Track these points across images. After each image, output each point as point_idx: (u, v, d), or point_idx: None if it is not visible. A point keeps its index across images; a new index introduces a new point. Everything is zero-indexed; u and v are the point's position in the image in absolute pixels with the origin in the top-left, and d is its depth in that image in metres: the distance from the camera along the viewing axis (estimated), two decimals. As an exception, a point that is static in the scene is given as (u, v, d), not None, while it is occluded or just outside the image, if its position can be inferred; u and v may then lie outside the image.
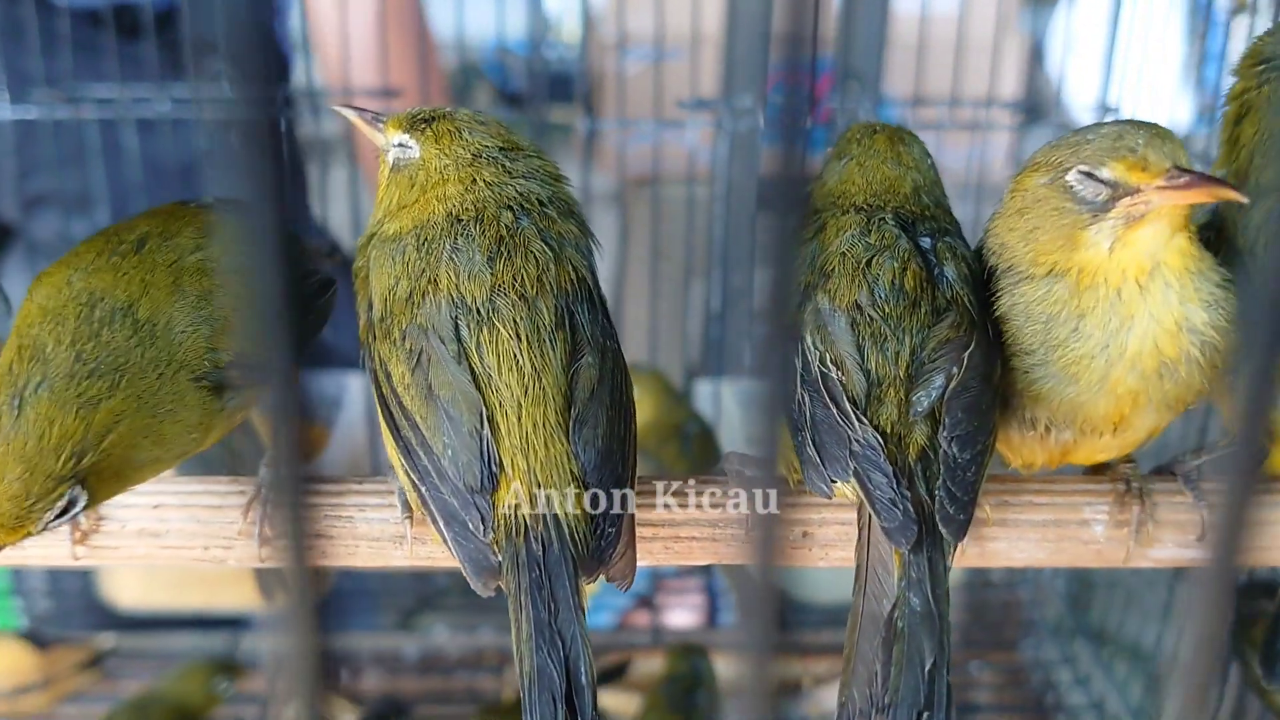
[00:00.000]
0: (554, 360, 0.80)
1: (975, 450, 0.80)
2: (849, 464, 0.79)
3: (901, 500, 0.78)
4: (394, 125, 0.89)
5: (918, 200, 0.92)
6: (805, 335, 0.84)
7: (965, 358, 0.82)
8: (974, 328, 0.84)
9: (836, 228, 0.89)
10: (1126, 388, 0.83)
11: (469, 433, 0.77)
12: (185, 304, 0.84)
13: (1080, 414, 0.85)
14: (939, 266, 0.86)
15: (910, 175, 0.93)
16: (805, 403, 0.82)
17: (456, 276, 0.81)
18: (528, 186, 0.85)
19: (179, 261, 0.86)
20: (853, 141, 0.96)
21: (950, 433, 0.80)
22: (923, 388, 0.81)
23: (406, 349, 0.80)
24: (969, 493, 0.79)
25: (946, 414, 0.80)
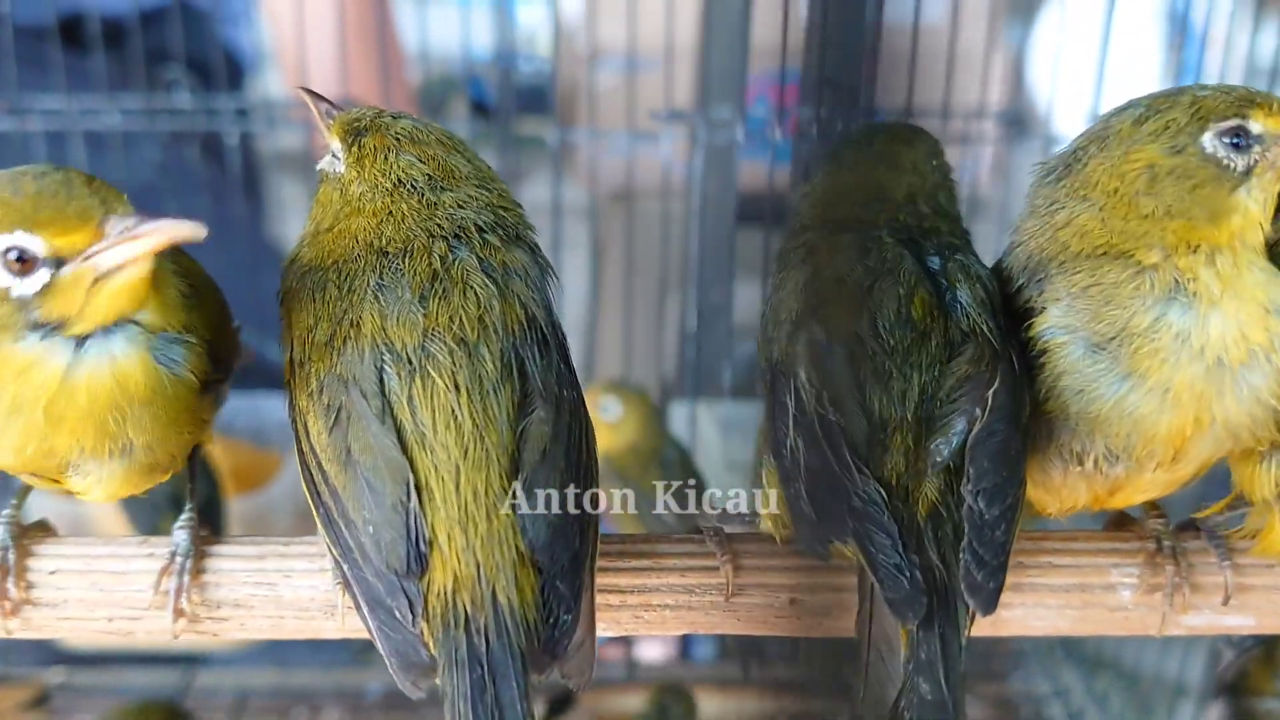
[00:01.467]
0: (499, 415, 0.65)
1: (1005, 505, 0.65)
2: (847, 522, 0.64)
3: (909, 567, 0.63)
4: (336, 127, 0.74)
5: (913, 208, 0.77)
6: (798, 371, 0.69)
7: (989, 397, 0.67)
8: (997, 361, 0.69)
9: (830, 249, 0.74)
10: (1194, 391, 0.69)
11: (392, 506, 0.62)
12: None
13: (1139, 435, 0.71)
14: (951, 291, 0.72)
15: (905, 179, 0.78)
16: (798, 449, 0.67)
17: (382, 319, 0.66)
18: (460, 214, 0.70)
19: None
20: (852, 141, 0.81)
21: (976, 485, 0.65)
22: (941, 433, 0.66)
23: (324, 403, 0.66)
24: (999, 555, 0.64)
25: (970, 463, 0.66)
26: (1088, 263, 0.72)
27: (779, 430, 0.68)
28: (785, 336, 0.71)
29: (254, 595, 0.76)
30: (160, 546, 0.77)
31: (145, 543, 0.78)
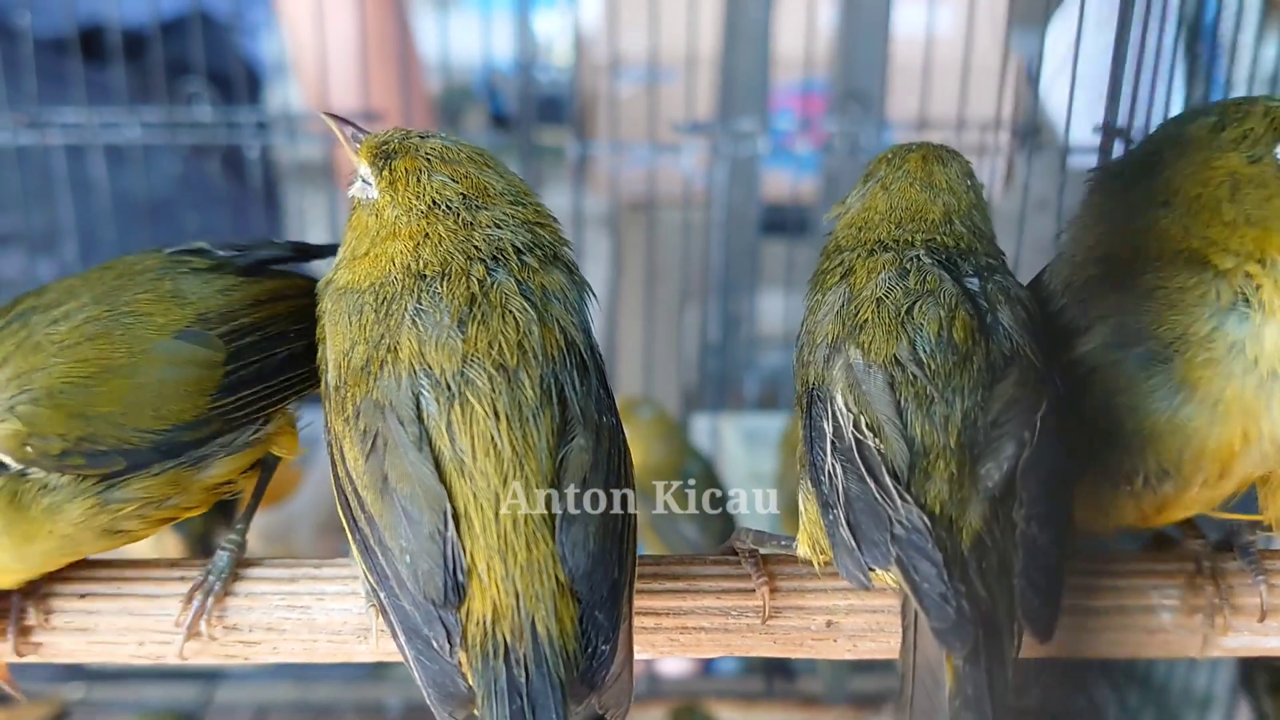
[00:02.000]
0: (538, 442, 0.64)
1: (1056, 530, 0.64)
2: (890, 549, 0.63)
3: (955, 595, 0.62)
4: (364, 151, 0.74)
5: (949, 228, 0.76)
6: (835, 395, 0.68)
7: (1037, 421, 0.66)
8: (1043, 383, 0.68)
9: (867, 269, 0.73)
10: (1243, 404, 0.69)
11: (430, 535, 0.62)
12: None
13: (1189, 450, 0.70)
14: (991, 312, 0.71)
15: (941, 198, 0.77)
16: (837, 475, 0.66)
17: (421, 344, 0.65)
18: (498, 235, 0.69)
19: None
20: (884, 161, 0.80)
21: (1029, 510, 0.64)
22: (991, 458, 0.65)
23: (361, 429, 0.65)
24: (1054, 580, 0.63)
25: (1022, 488, 0.65)
26: (1159, 266, 0.71)
27: (817, 455, 0.67)
28: (822, 360, 0.70)
29: (286, 619, 0.75)
30: (191, 570, 0.77)
31: (177, 566, 0.78)
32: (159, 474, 0.72)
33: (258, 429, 0.76)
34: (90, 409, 0.69)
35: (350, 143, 0.76)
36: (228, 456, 0.75)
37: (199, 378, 0.72)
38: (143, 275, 0.75)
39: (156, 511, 0.74)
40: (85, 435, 0.68)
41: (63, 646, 0.76)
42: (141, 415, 0.70)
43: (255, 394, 0.74)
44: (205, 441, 0.73)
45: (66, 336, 0.70)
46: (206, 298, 0.75)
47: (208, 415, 0.72)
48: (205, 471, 0.74)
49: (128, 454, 0.70)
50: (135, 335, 0.71)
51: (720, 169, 1.62)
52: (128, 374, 0.70)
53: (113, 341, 0.71)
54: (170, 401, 0.71)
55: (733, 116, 1.64)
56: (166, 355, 0.72)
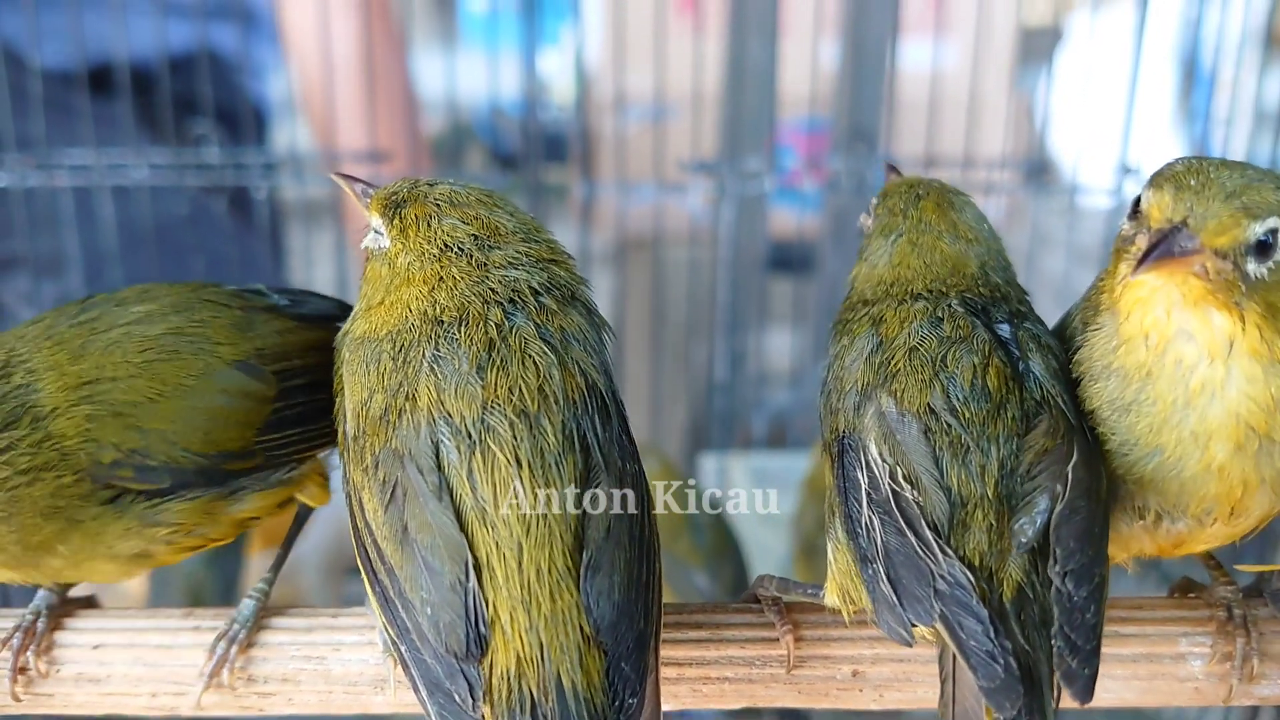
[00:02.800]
0: (562, 490, 0.62)
1: (1093, 585, 0.63)
2: (934, 605, 0.62)
3: (1002, 653, 0.60)
4: (375, 204, 0.73)
5: (986, 280, 0.75)
6: (869, 444, 0.67)
7: (1069, 472, 0.65)
8: (1073, 433, 0.67)
9: (899, 318, 0.72)
10: (1219, 464, 0.67)
11: (451, 586, 0.60)
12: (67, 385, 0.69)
13: (1189, 496, 0.69)
14: (1024, 360, 0.69)
15: (974, 250, 0.76)
16: (875, 527, 0.64)
17: (439, 391, 0.64)
18: (514, 276, 0.68)
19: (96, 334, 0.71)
20: (897, 214, 0.78)
21: (1063, 566, 0.62)
22: (1025, 512, 0.64)
23: (379, 479, 0.64)
24: (1091, 639, 0.61)
25: (1056, 543, 0.63)
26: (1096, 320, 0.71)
27: (852, 506, 0.66)
28: (852, 407, 0.69)
29: (302, 670, 0.74)
30: (206, 619, 0.76)
31: (190, 615, 0.76)
32: (194, 499, 0.71)
33: (291, 469, 0.76)
34: (148, 423, 0.69)
35: (361, 199, 0.75)
36: (259, 492, 0.75)
37: (249, 409, 0.73)
38: (212, 300, 0.77)
39: (186, 539, 0.73)
40: (138, 449, 0.69)
41: (74, 698, 0.75)
42: (193, 437, 0.70)
43: (298, 434, 0.75)
44: (247, 474, 0.74)
45: (144, 344, 0.71)
46: (265, 335, 0.76)
47: (253, 448, 0.73)
48: (237, 505, 0.74)
49: (174, 473, 0.70)
50: (201, 358, 0.72)
51: (726, 207, 1.62)
52: (188, 395, 0.71)
53: (182, 360, 0.72)
54: (221, 428, 0.72)
55: (738, 154, 1.64)
56: (224, 383, 0.72)
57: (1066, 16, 2.09)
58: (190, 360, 0.72)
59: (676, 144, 1.66)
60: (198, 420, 0.71)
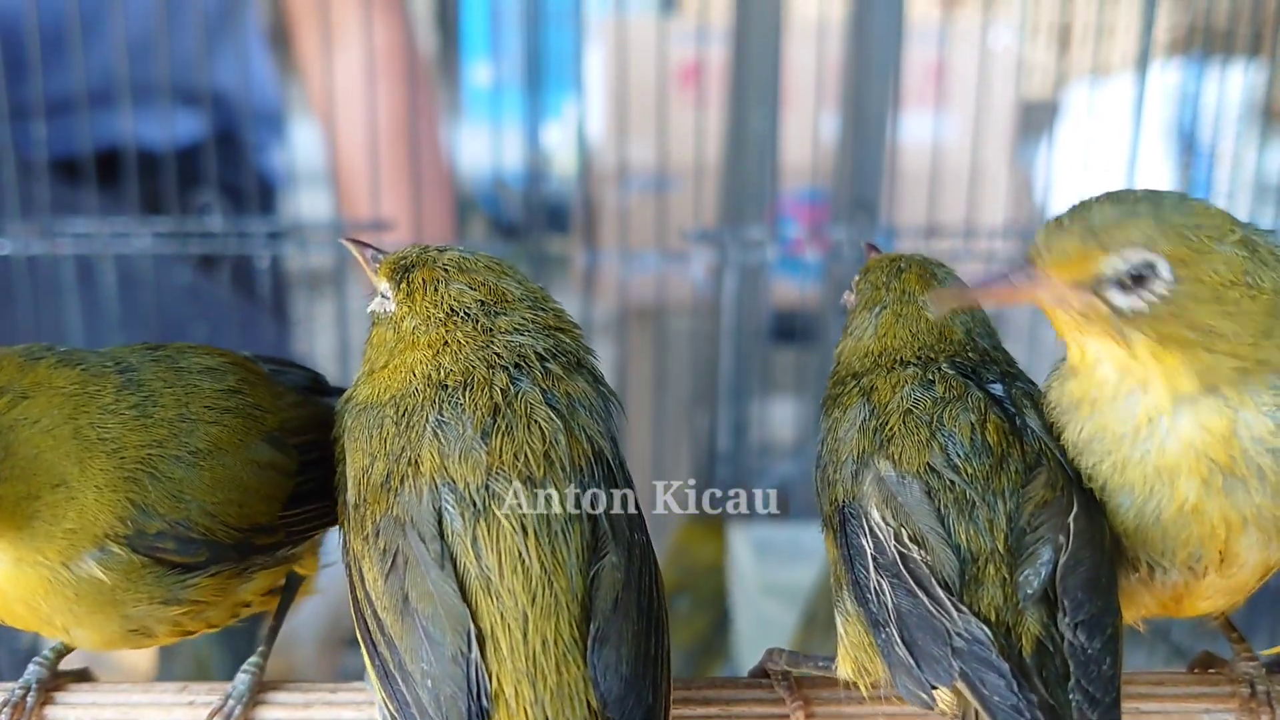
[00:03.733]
0: (568, 559, 0.61)
1: (1105, 636, 0.61)
2: (952, 664, 0.60)
3: (1028, 706, 0.58)
4: (383, 269, 0.72)
5: (973, 345, 0.74)
6: (870, 510, 0.66)
7: (1070, 523, 0.63)
8: (1071, 485, 0.66)
9: (890, 384, 0.71)
10: (1193, 504, 0.65)
11: (452, 658, 0.58)
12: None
13: (1172, 543, 0.67)
14: (1020, 416, 0.69)
15: (959, 318, 0.75)
16: (884, 591, 0.63)
17: (443, 457, 0.63)
18: (519, 341, 0.67)
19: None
20: (880, 287, 0.78)
21: (1073, 618, 0.61)
22: (1029, 564, 0.63)
23: (380, 548, 0.62)
24: (1110, 692, 0.59)
25: (1064, 595, 0.62)
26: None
27: (859, 573, 0.65)
28: (850, 475, 0.68)
29: (299, 747, 0.71)
30: (201, 694, 0.73)
31: (185, 689, 0.74)
32: (216, 574, 0.69)
33: (297, 545, 0.73)
34: (191, 493, 0.67)
35: (370, 264, 0.74)
36: (266, 570, 0.73)
37: (276, 483, 0.71)
38: (253, 368, 0.74)
39: (192, 621, 0.70)
40: (181, 519, 0.66)
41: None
42: (230, 510, 0.68)
43: (315, 510, 0.73)
44: (273, 549, 0.71)
45: (194, 410, 0.69)
46: (284, 408, 0.74)
47: (276, 523, 0.71)
48: (246, 584, 0.72)
49: (212, 547, 0.68)
50: (239, 427, 0.70)
51: (729, 276, 1.62)
52: (229, 466, 0.68)
53: (225, 428, 0.69)
54: (253, 502, 0.69)
55: (740, 224, 1.64)
56: (257, 456, 0.70)
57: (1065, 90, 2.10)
58: (230, 428, 0.69)
59: (678, 214, 1.67)
60: (234, 493, 0.68)
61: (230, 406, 0.70)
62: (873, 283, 0.78)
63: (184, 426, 0.67)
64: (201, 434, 0.68)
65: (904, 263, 0.79)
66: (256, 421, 0.71)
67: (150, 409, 0.67)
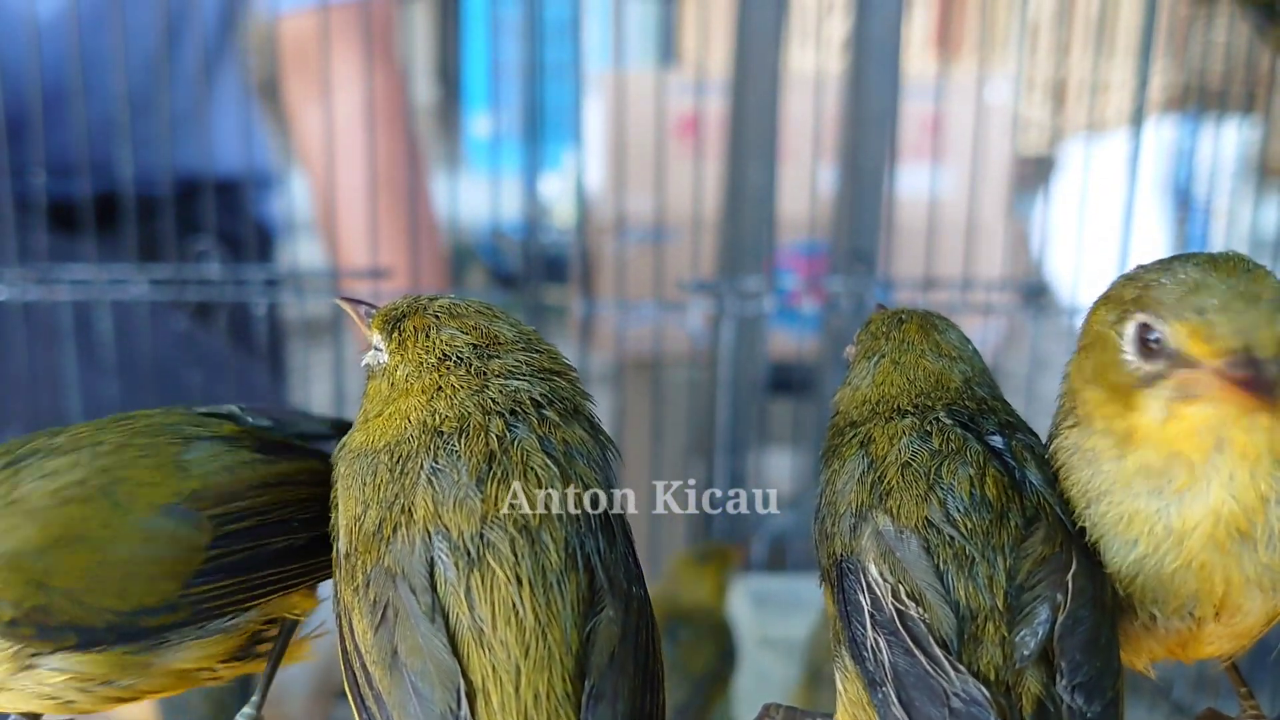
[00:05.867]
0: (563, 610, 0.59)
1: (1106, 700, 0.59)
2: None
3: None
4: (375, 323, 0.71)
5: (971, 394, 0.73)
6: (868, 565, 0.64)
7: (1069, 581, 0.62)
8: (1071, 541, 0.64)
9: (887, 435, 0.70)
10: (1200, 561, 0.63)
11: (441, 714, 0.57)
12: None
13: (1168, 594, 0.65)
14: (1020, 469, 0.67)
15: (957, 366, 0.74)
16: (881, 649, 0.61)
17: (437, 505, 0.61)
18: (515, 386, 0.66)
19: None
20: (879, 336, 0.77)
21: (1071, 680, 0.59)
22: (1025, 624, 0.61)
23: (370, 600, 0.60)
24: None
25: (1062, 657, 0.60)
26: (1071, 419, 0.68)
27: (856, 630, 0.63)
28: (848, 529, 0.66)
29: (285, 803, 0.69)
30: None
31: (170, 744, 0.72)
32: (104, 652, 0.64)
33: (234, 618, 0.67)
34: (51, 579, 0.62)
35: (363, 320, 0.73)
36: (197, 641, 0.67)
37: (175, 559, 0.65)
38: (156, 435, 0.69)
39: (104, 689, 0.66)
40: (39, 605, 0.62)
41: (43, 833, 0.70)
42: (105, 593, 0.63)
43: (237, 584, 0.67)
44: (169, 629, 0.65)
45: (49, 496, 0.64)
46: (210, 473, 0.68)
47: (176, 601, 0.65)
48: (170, 656, 0.66)
49: (80, 631, 0.63)
50: (121, 504, 0.65)
51: (726, 327, 1.61)
52: (99, 547, 0.64)
53: (94, 508, 0.64)
54: (138, 582, 0.64)
55: (737, 275, 1.64)
56: (145, 531, 0.65)
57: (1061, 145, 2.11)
58: (103, 508, 0.64)
59: (676, 265, 1.66)
60: (111, 574, 0.63)
61: (99, 485, 0.65)
62: (872, 333, 0.78)
63: (43, 515, 0.63)
64: (66, 516, 0.63)
65: (905, 315, 0.78)
66: (140, 497, 0.65)
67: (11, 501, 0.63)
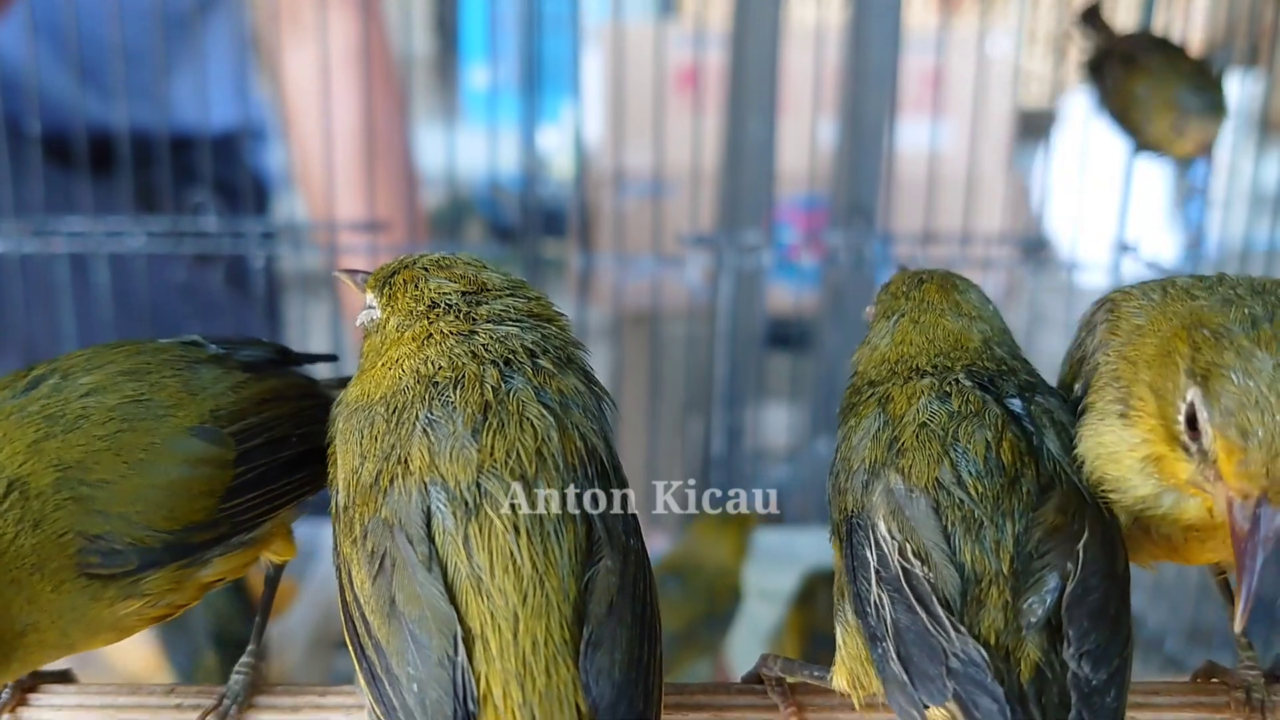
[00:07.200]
0: (560, 559, 0.60)
1: (1112, 668, 0.60)
2: (946, 684, 0.59)
3: None
4: (369, 283, 0.72)
5: (990, 354, 0.73)
6: (877, 522, 0.65)
7: (1080, 551, 0.62)
8: (1085, 510, 0.64)
9: (906, 395, 0.70)
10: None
11: (438, 661, 0.57)
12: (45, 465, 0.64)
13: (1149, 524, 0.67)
14: (1038, 435, 0.67)
15: (976, 326, 0.75)
16: (884, 605, 0.62)
17: (433, 455, 0.62)
18: (505, 332, 0.66)
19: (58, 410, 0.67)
20: (900, 296, 0.77)
21: (1078, 648, 0.60)
22: (1033, 591, 0.61)
23: (368, 550, 0.61)
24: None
25: (1070, 625, 0.60)
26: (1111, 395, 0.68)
27: (860, 585, 0.64)
28: (860, 486, 0.67)
29: (287, 751, 0.70)
30: (189, 696, 0.72)
31: (173, 692, 0.73)
32: (163, 572, 0.67)
33: (254, 529, 0.71)
34: (111, 506, 0.65)
35: (359, 285, 0.74)
36: (224, 556, 0.70)
37: (209, 477, 0.68)
38: (163, 360, 0.71)
39: (153, 610, 0.69)
40: (103, 533, 0.64)
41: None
42: (156, 515, 0.66)
43: (260, 496, 0.70)
44: (214, 543, 0.69)
45: (102, 420, 0.66)
46: (219, 394, 0.71)
47: (217, 517, 0.68)
48: (204, 570, 0.70)
49: (141, 553, 0.66)
50: (156, 428, 0.67)
51: (725, 281, 1.61)
52: (144, 471, 0.66)
53: (138, 432, 0.67)
54: (183, 501, 0.67)
55: (736, 230, 1.64)
56: (180, 453, 0.68)
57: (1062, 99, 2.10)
58: (145, 431, 0.67)
59: (675, 219, 1.66)
60: (160, 497, 0.66)
61: (136, 412, 0.68)
62: (893, 293, 0.78)
63: (98, 441, 0.66)
64: (121, 443, 0.66)
65: (926, 275, 0.78)
66: (174, 420, 0.68)
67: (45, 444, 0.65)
